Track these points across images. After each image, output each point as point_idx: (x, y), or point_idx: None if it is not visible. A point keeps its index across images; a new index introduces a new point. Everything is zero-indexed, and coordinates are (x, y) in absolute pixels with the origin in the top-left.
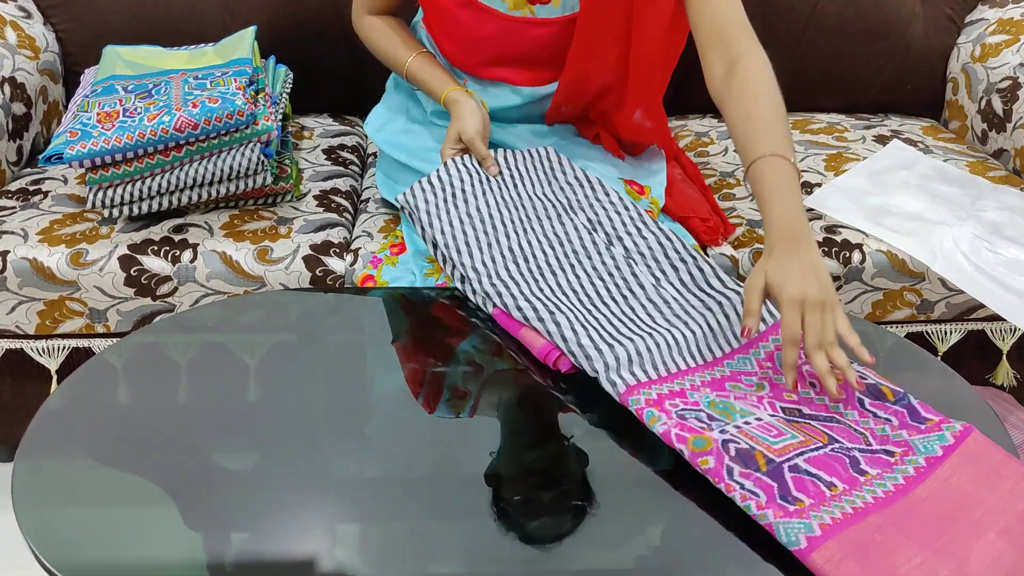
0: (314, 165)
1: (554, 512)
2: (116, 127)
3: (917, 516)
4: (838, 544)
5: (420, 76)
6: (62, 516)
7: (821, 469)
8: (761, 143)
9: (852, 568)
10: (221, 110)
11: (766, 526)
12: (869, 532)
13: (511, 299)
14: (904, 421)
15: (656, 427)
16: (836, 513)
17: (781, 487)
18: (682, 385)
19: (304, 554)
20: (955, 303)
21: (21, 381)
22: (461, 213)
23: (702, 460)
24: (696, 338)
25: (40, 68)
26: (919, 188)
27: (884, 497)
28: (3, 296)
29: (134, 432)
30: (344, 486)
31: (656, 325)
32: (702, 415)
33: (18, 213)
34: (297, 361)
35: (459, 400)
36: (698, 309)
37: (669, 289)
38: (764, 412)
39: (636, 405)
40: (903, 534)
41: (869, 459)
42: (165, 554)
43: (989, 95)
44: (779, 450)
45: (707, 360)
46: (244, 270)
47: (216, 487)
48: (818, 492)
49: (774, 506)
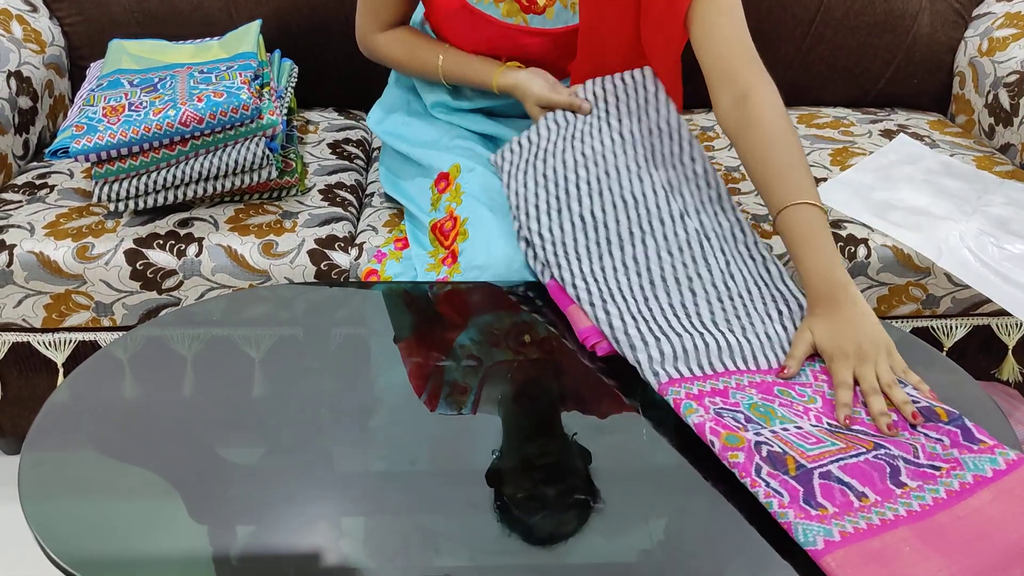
0: (319, 159)
1: (557, 506)
2: (122, 121)
3: (950, 533)
4: (857, 550)
5: (458, 71)
6: (68, 508)
7: (855, 478)
8: (785, 190)
9: (866, 574)
10: (226, 104)
11: (785, 525)
12: (895, 543)
13: (569, 274)
14: (956, 441)
15: (691, 418)
16: (861, 524)
17: (807, 492)
18: (727, 384)
19: (309, 547)
20: (961, 298)
21: (28, 374)
22: (538, 174)
23: (732, 455)
24: (752, 346)
25: (46, 62)
26: (925, 183)
27: (919, 511)
28: (10, 290)
29: (140, 425)
30: (349, 480)
31: (714, 322)
32: (740, 416)
33: (24, 207)
34: (302, 355)
35: (461, 394)
36: (759, 313)
37: (737, 278)
38: (806, 422)
39: (675, 395)
40: (931, 548)
41: (912, 472)
42: (171, 546)
43: (996, 90)
44: (813, 456)
45: (761, 367)
46: (249, 264)
47: (221, 480)
48: (845, 502)
49: (796, 507)
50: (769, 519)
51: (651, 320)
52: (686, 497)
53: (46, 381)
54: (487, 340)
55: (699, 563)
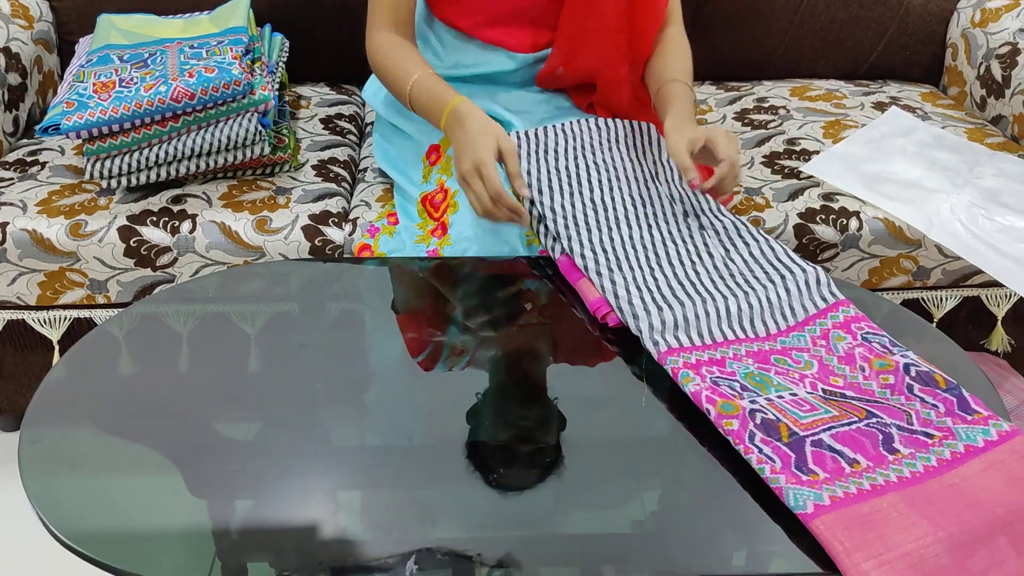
0: (311, 135)
1: (546, 475)
2: (113, 97)
3: (939, 500)
4: (846, 514)
5: (425, 90)
6: (68, 484)
7: (846, 445)
8: (669, 73)
9: (854, 537)
10: (218, 80)
11: (776, 490)
12: (883, 508)
13: (579, 245)
14: (951, 409)
15: (688, 387)
16: (851, 488)
17: (798, 458)
18: (724, 354)
19: (307, 520)
20: (951, 269)
21: (24, 351)
22: (550, 166)
23: (727, 422)
24: (752, 311)
25: (34, 37)
26: (917, 155)
27: (910, 477)
28: (3, 268)
29: (138, 401)
30: (345, 453)
31: (715, 291)
32: (736, 384)
33: (16, 184)
34: (297, 330)
35: (454, 367)
36: (761, 281)
37: (738, 260)
38: (802, 389)
39: (673, 365)
40: (919, 514)
41: (905, 438)
42: (170, 521)
43: (988, 61)
44: (806, 424)
45: (759, 334)
46: (243, 240)
47: (220, 455)
48: (836, 468)
49: (788, 473)
50: (760, 488)
51: (655, 290)
52: (679, 467)
53: (42, 358)
54: (486, 312)
55: (690, 532)
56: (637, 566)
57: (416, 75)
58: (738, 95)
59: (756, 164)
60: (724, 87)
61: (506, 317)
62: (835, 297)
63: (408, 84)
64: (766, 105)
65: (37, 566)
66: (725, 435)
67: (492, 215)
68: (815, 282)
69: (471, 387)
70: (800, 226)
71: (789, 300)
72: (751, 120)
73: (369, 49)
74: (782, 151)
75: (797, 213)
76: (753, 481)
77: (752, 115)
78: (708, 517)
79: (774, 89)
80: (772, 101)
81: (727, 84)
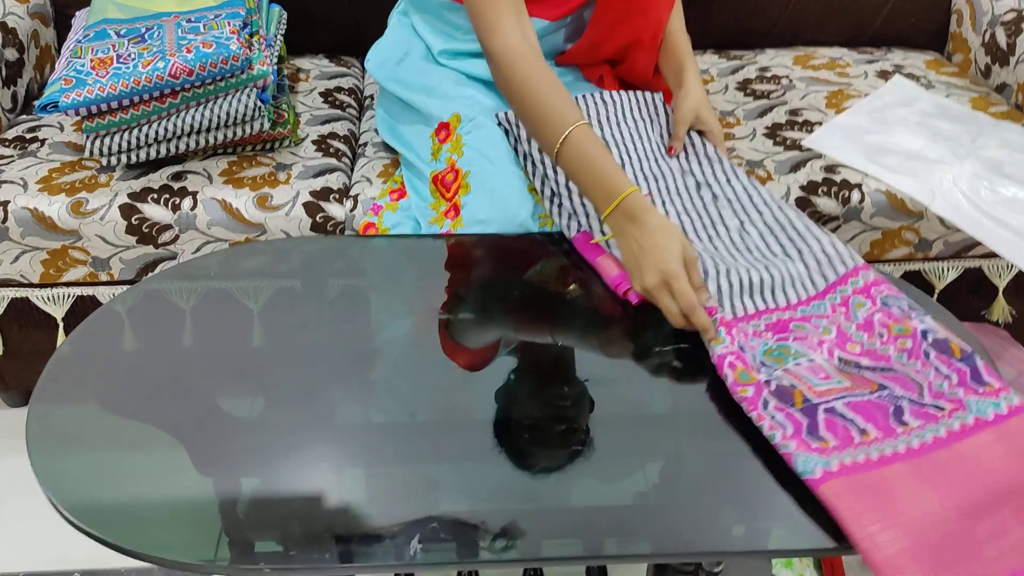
0: (311, 109)
1: (555, 451)
2: (111, 74)
3: (946, 470)
4: (853, 481)
5: (584, 152)
6: (75, 462)
7: (858, 414)
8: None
9: (861, 502)
10: (215, 55)
11: (785, 455)
12: (890, 476)
13: (598, 223)
14: (964, 380)
15: (717, 348)
16: (860, 457)
17: (810, 424)
18: (744, 329)
19: (313, 496)
20: (953, 241)
21: (28, 328)
22: None
23: (742, 389)
24: (774, 282)
25: (31, 11)
26: (919, 125)
27: (918, 448)
28: (6, 246)
29: (144, 379)
30: (350, 431)
31: (735, 264)
32: (756, 357)
33: (16, 162)
34: (301, 307)
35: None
36: (779, 256)
37: (753, 232)
38: (819, 355)
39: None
40: (927, 484)
41: (916, 410)
42: (176, 498)
43: (993, 28)
44: (820, 392)
45: (779, 305)
46: (244, 217)
47: (225, 432)
48: (847, 436)
49: (799, 439)
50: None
51: None
52: (683, 443)
53: (46, 335)
54: (492, 290)
55: (694, 504)
56: (641, 539)
57: (572, 124)
58: (740, 64)
59: (759, 135)
60: (726, 55)
61: (519, 293)
62: (855, 262)
63: (563, 133)
64: (768, 75)
65: (43, 541)
66: (738, 402)
67: (682, 327)
68: (832, 250)
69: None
70: (802, 199)
71: (809, 273)
72: (753, 90)
73: (499, 55)
74: (784, 122)
75: (799, 186)
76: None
77: (754, 85)
78: (715, 491)
79: (777, 58)
80: (775, 71)
81: (729, 53)
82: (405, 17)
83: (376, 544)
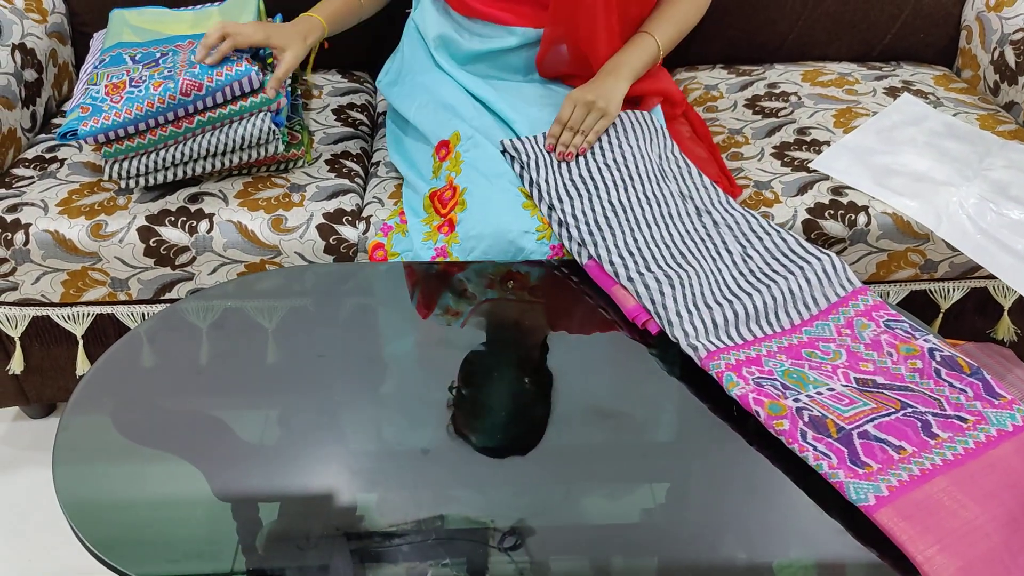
0: (324, 127)
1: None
2: (124, 99)
3: (981, 481)
4: (904, 503)
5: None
6: (98, 492)
7: (890, 434)
8: (650, 24)
9: (915, 525)
10: (223, 67)
11: (836, 484)
12: (935, 493)
13: (605, 251)
14: (979, 393)
15: (734, 391)
16: (903, 476)
17: (851, 452)
18: (759, 352)
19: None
20: (958, 262)
21: (49, 345)
22: (562, 172)
23: (777, 423)
24: (777, 304)
25: (48, 31)
26: (927, 145)
27: (953, 460)
28: (28, 267)
29: (166, 406)
30: (365, 458)
31: (739, 291)
32: (776, 384)
33: (37, 183)
34: (315, 331)
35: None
36: (781, 273)
37: (755, 257)
38: (837, 383)
39: (716, 369)
40: (968, 496)
41: (942, 423)
42: (191, 528)
43: (1003, 46)
44: (849, 418)
45: (785, 327)
46: (260, 240)
47: (244, 459)
48: (886, 457)
49: (845, 468)
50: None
51: (685, 287)
52: (690, 465)
53: (66, 352)
54: (495, 314)
55: (698, 529)
56: (648, 556)
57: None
58: (749, 80)
59: (766, 155)
60: (736, 71)
61: (528, 317)
62: (852, 285)
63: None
64: (777, 91)
65: (56, 549)
66: (777, 435)
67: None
68: (832, 270)
69: (482, 382)
70: (809, 221)
71: (811, 290)
72: (762, 108)
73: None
74: (792, 141)
75: (806, 208)
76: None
77: (763, 102)
78: (716, 511)
79: (786, 73)
80: (784, 87)
81: (738, 68)
82: (414, 31)
83: (390, 566)
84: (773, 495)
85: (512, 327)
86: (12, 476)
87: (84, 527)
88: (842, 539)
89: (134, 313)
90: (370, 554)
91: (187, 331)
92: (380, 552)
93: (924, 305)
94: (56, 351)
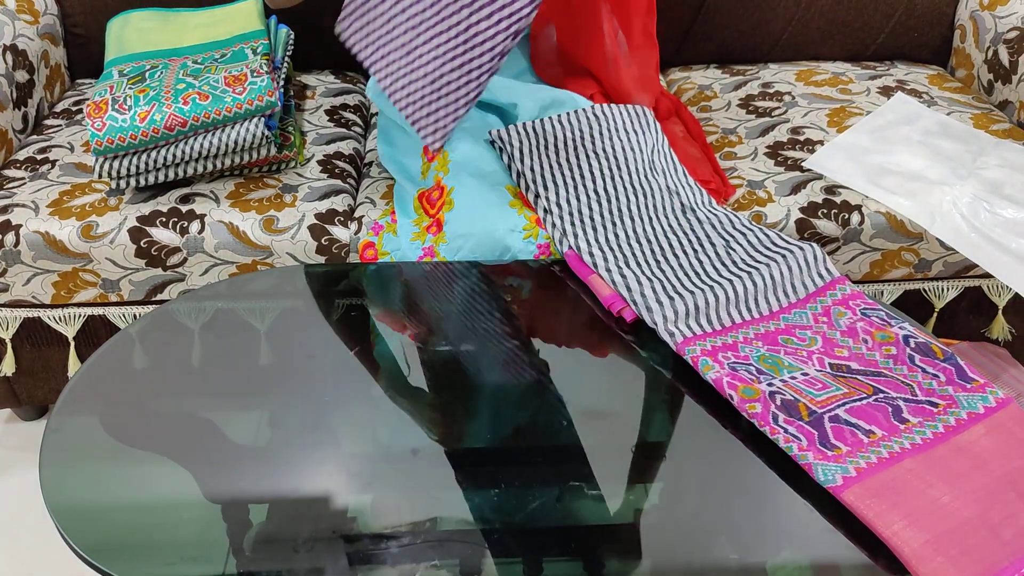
0: (317, 127)
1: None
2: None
3: (950, 462)
4: (871, 483)
5: None
6: (86, 495)
7: (861, 418)
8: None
9: (882, 502)
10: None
11: (805, 466)
12: (903, 474)
13: (585, 244)
14: (951, 378)
15: (709, 375)
16: (872, 458)
17: (821, 435)
18: (735, 338)
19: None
20: (952, 261)
21: (40, 347)
22: (551, 160)
23: (750, 406)
24: (756, 290)
25: (40, 32)
26: (921, 144)
27: (922, 443)
28: (18, 269)
29: (156, 407)
30: (358, 460)
31: (719, 278)
32: (751, 368)
33: (27, 184)
34: (302, 331)
35: (458, 367)
36: (762, 262)
37: (738, 250)
38: (811, 368)
39: (691, 354)
40: (935, 476)
41: (912, 408)
42: (181, 529)
43: (996, 45)
44: (821, 402)
45: (764, 313)
46: (251, 240)
47: (235, 461)
48: (856, 440)
49: (814, 450)
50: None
51: (664, 280)
52: (681, 466)
53: (58, 353)
54: (486, 313)
55: (691, 525)
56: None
57: None
58: (743, 79)
59: (760, 155)
60: (729, 71)
61: (515, 316)
62: (831, 275)
63: None
64: (771, 91)
65: (48, 552)
66: (749, 418)
67: None
68: (813, 259)
69: (470, 386)
70: (802, 221)
71: (791, 278)
72: (756, 108)
73: None
74: (786, 140)
75: (799, 208)
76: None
77: (757, 102)
78: (708, 513)
79: (780, 73)
80: (777, 87)
81: (732, 68)
82: None
83: (381, 567)
84: (767, 495)
85: (498, 327)
86: (3, 478)
87: (72, 531)
88: (836, 540)
89: (126, 314)
90: (362, 556)
91: (177, 332)
92: (372, 554)
93: (918, 304)
94: (47, 353)
